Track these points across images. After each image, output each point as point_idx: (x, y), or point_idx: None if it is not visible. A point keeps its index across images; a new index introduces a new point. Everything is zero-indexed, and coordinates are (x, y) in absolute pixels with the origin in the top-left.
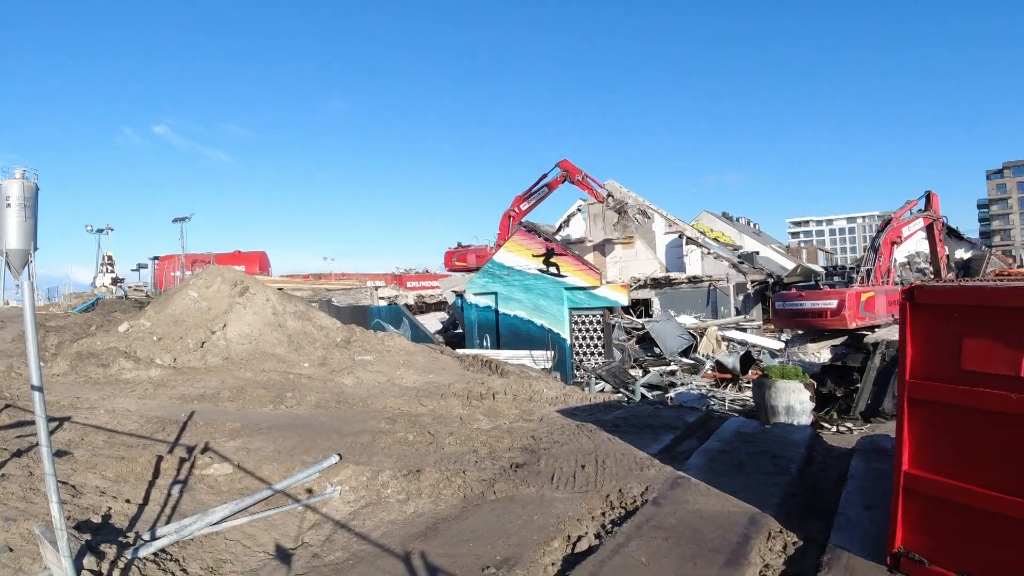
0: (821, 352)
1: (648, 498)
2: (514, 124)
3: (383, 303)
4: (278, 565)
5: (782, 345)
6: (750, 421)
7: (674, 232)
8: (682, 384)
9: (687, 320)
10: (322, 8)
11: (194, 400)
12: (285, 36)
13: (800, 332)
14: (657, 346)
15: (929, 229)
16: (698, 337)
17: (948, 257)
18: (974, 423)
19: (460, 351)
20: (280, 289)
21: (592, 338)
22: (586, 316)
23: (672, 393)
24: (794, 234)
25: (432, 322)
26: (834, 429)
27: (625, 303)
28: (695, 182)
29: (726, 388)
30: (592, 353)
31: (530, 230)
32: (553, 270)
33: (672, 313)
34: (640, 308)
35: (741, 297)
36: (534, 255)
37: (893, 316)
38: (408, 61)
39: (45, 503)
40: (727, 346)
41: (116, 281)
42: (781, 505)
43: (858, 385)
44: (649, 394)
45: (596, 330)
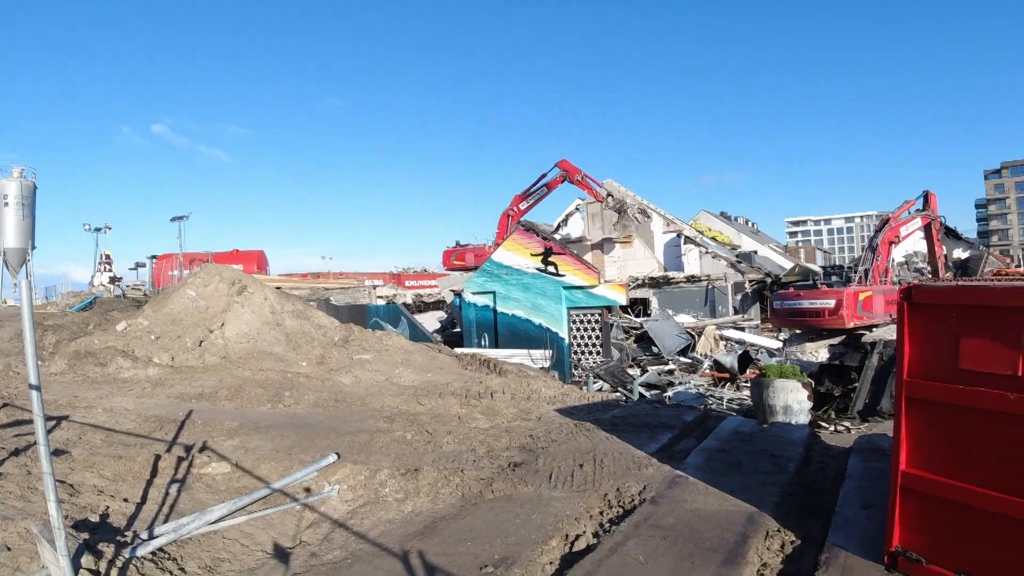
0: (819, 351)
1: (646, 497)
2: (512, 123)
3: (381, 302)
4: (276, 564)
5: (780, 344)
6: (748, 420)
7: (672, 231)
8: (680, 383)
9: (685, 319)
10: (320, 7)
11: (192, 399)
12: (283, 35)
13: (798, 331)
14: (655, 345)
15: (927, 229)
16: (696, 336)
17: (946, 257)
18: (972, 422)
19: (458, 350)
20: (278, 288)
21: (590, 337)
22: (584, 315)
23: (670, 392)
24: (792, 233)
25: (430, 321)
26: (832, 428)
27: (623, 302)
28: (693, 181)
29: (724, 387)
30: (590, 352)
31: (528, 229)
32: (551, 269)
33: (670, 312)
34: (638, 307)
35: (739, 296)
36: (532, 254)
37: (891, 316)
38: (406, 59)
39: (43, 502)
40: (725, 345)
41: (114, 280)
42: (779, 504)
43: (856, 384)
44: (647, 393)
45: (594, 329)
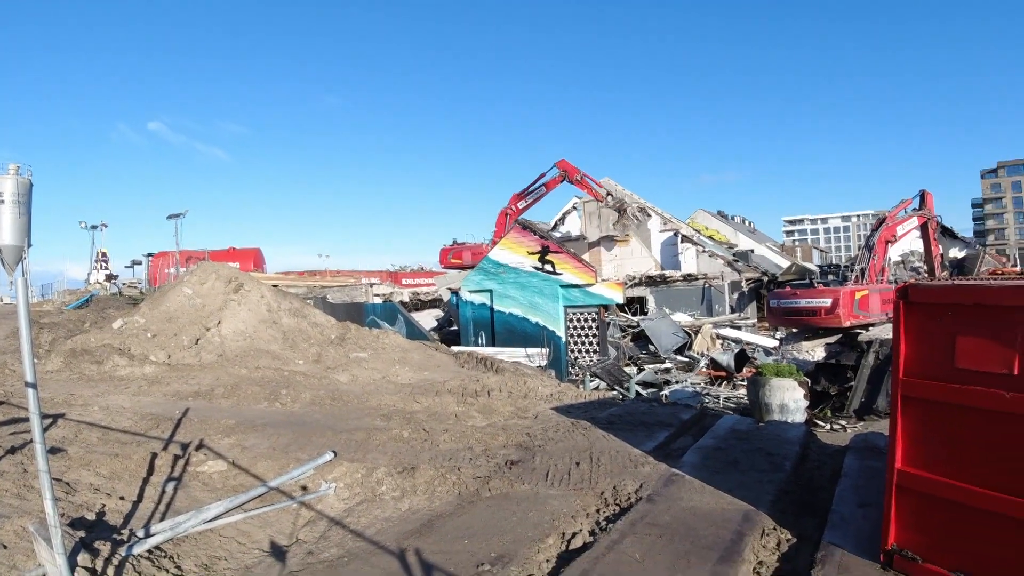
0: (815, 350)
1: (642, 495)
2: (510, 121)
3: (378, 300)
4: (273, 562)
5: (776, 343)
6: (744, 419)
7: (669, 230)
8: (677, 382)
9: (682, 318)
10: (318, 5)
11: (188, 397)
12: (281, 33)
13: (794, 330)
14: (652, 344)
15: (923, 228)
16: (693, 335)
17: (942, 256)
18: (967, 421)
19: (455, 348)
20: (275, 286)
21: (587, 336)
22: (581, 314)
23: (667, 391)
24: (789, 232)
25: (427, 319)
26: (828, 427)
27: (620, 301)
28: (691, 180)
29: (720, 386)
30: (587, 351)
31: (526, 228)
32: (548, 268)
33: (667, 311)
34: (635, 306)
35: (736, 295)
36: (529, 253)
37: (887, 314)
38: (404, 58)
39: (39, 500)
40: (722, 344)
41: (110, 278)
42: (775, 502)
43: (852, 383)
44: (644, 392)
45: (591, 328)
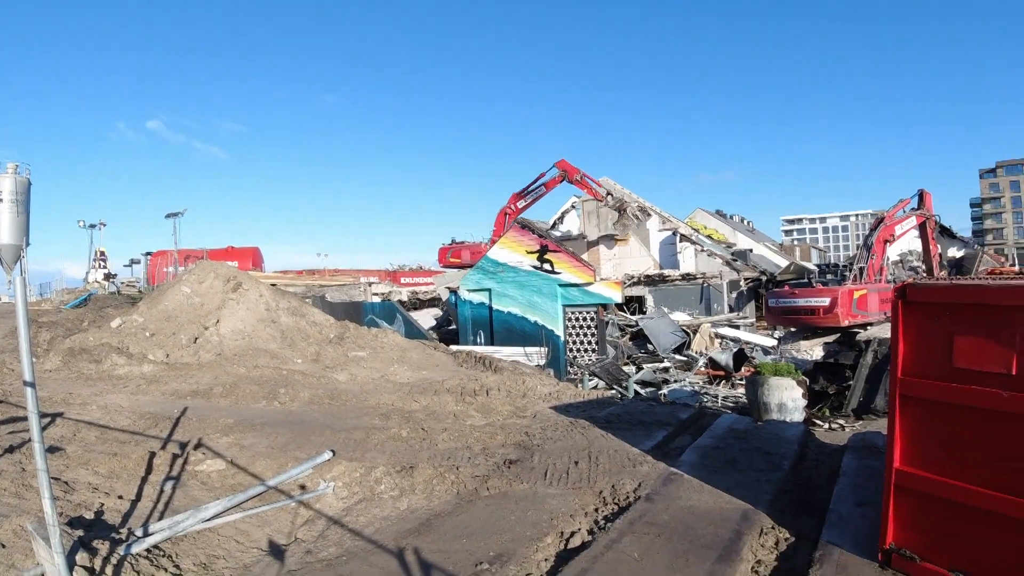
0: (814, 349)
1: (641, 494)
2: (509, 120)
3: (377, 299)
4: (271, 561)
5: (775, 342)
6: (743, 418)
7: (668, 229)
8: (675, 381)
9: (680, 317)
10: (316, 3)
11: (187, 396)
12: (279, 31)
13: (793, 329)
14: (650, 343)
15: (922, 227)
16: (691, 334)
17: (940, 255)
18: (965, 421)
19: (454, 347)
20: (273, 285)
21: (586, 335)
22: (580, 313)
23: (665, 390)
24: (787, 232)
25: (426, 318)
26: (826, 426)
27: (619, 300)
28: (689, 179)
29: (719, 385)
30: (586, 350)
31: (524, 227)
32: (547, 267)
33: (666, 310)
34: (634, 305)
35: (734, 294)
36: (528, 252)
37: (885, 314)
38: (402, 56)
39: (37, 499)
40: (720, 343)
41: (109, 277)
42: (773, 502)
43: (850, 382)
44: (642, 391)
45: (590, 327)
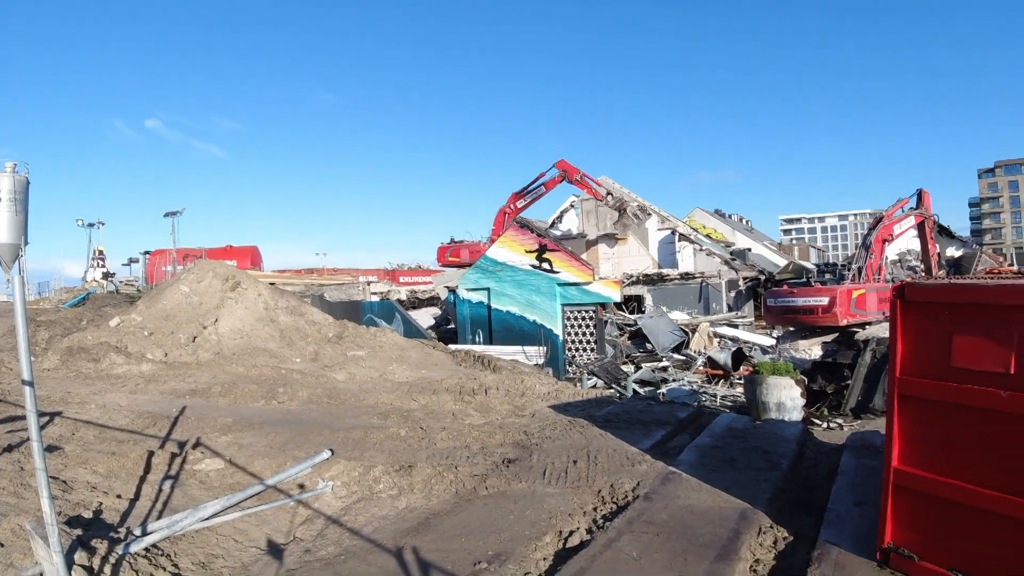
0: (812, 349)
1: (639, 493)
2: (507, 119)
3: (375, 298)
4: (270, 560)
5: (773, 341)
6: (741, 417)
7: (667, 228)
8: (674, 380)
9: (679, 316)
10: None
11: (185, 395)
12: (277, 29)
13: (791, 329)
14: (649, 342)
15: (920, 227)
16: (690, 333)
17: (939, 255)
18: (964, 420)
19: (452, 347)
20: (272, 284)
21: (584, 334)
22: (578, 312)
23: (664, 389)
24: (786, 231)
25: (425, 318)
26: (825, 425)
27: (617, 299)
28: (688, 179)
29: (717, 384)
30: (584, 349)
31: (523, 226)
32: (546, 266)
33: (664, 309)
34: (632, 304)
35: (733, 294)
36: (527, 251)
37: (884, 313)
38: (401, 55)
39: (36, 498)
40: (719, 342)
41: (107, 276)
42: (772, 501)
43: (849, 382)
44: (641, 390)
45: (588, 326)
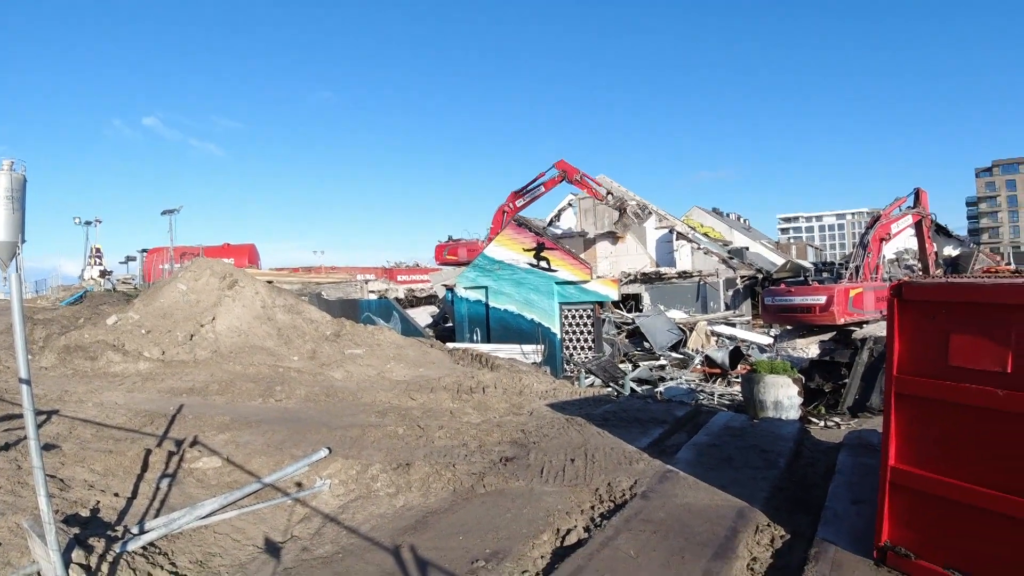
0: (809, 347)
1: (637, 492)
2: (506, 117)
3: (373, 297)
4: (267, 559)
5: (771, 340)
6: (738, 416)
7: (665, 227)
8: (671, 379)
9: (677, 315)
10: None
11: (183, 393)
12: (275, 27)
13: (789, 327)
14: (647, 341)
15: (918, 226)
16: (688, 332)
17: (936, 254)
18: (961, 419)
19: (450, 345)
20: (269, 282)
21: (582, 332)
22: (576, 310)
23: (661, 388)
24: (784, 230)
25: (422, 316)
26: (822, 424)
27: (615, 298)
28: (686, 177)
29: (715, 383)
30: (582, 347)
31: (521, 224)
32: (544, 264)
33: (662, 308)
34: (630, 303)
35: (731, 292)
36: (525, 249)
37: (881, 312)
38: (399, 53)
39: (33, 497)
40: (716, 341)
41: (104, 274)
42: (769, 499)
43: (846, 380)
44: (638, 388)
45: (586, 324)
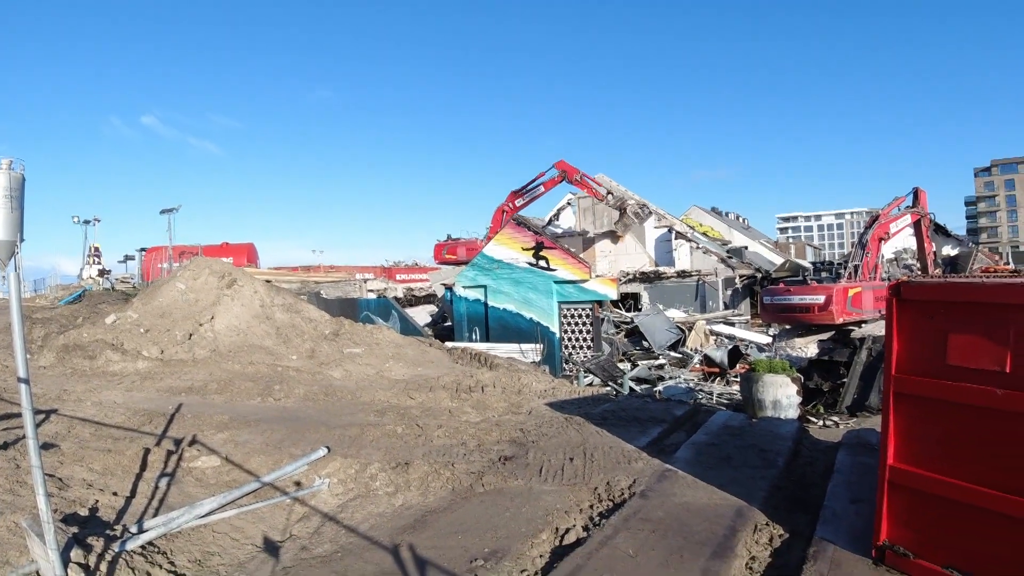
0: (808, 347)
1: (636, 491)
2: (506, 117)
3: (372, 296)
4: (266, 558)
5: (770, 339)
6: (737, 415)
7: (663, 226)
8: (670, 378)
9: (676, 314)
10: None
11: (181, 392)
12: (273, 26)
13: (788, 327)
14: (646, 340)
15: (916, 225)
16: (686, 331)
17: (935, 253)
18: (959, 418)
19: (449, 344)
20: (268, 281)
21: (581, 331)
22: (575, 309)
23: (660, 387)
24: (783, 229)
25: (421, 315)
26: (820, 423)
27: (614, 297)
28: (685, 176)
29: (714, 382)
30: (581, 346)
31: (520, 223)
32: (543, 263)
33: (661, 307)
34: (629, 302)
35: (729, 292)
36: (524, 248)
37: (880, 311)
38: (398, 52)
39: (32, 496)
40: (715, 340)
41: (103, 273)
42: (768, 498)
43: (844, 380)
44: (637, 387)
45: (585, 324)
